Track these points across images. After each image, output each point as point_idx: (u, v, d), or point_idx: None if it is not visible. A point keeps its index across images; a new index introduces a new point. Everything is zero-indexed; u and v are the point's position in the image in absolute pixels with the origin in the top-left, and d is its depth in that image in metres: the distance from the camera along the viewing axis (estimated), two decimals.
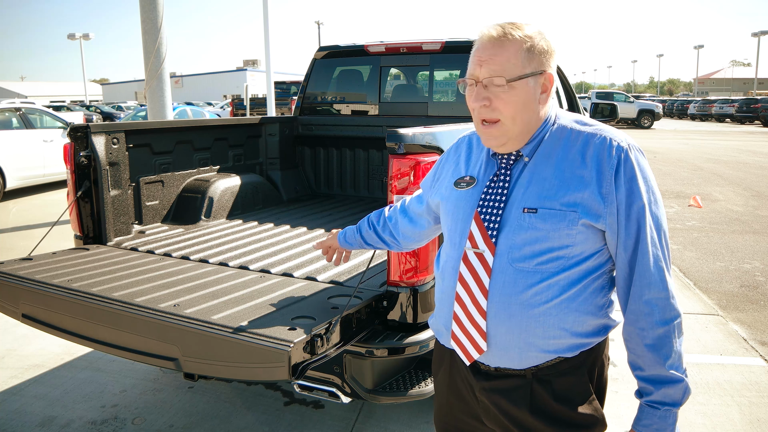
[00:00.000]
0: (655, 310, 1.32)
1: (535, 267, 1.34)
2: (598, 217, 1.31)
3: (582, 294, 1.35)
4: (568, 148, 1.36)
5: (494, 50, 1.32)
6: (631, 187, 1.30)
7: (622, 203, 1.30)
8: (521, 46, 1.31)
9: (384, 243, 1.91)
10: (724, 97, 42.84)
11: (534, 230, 1.33)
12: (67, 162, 3.10)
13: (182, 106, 19.18)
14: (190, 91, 57.31)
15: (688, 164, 14.32)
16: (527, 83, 1.32)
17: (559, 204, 1.32)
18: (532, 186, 1.36)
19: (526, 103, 1.33)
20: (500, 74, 1.30)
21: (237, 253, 3.04)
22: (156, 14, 6.78)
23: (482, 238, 1.38)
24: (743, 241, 6.85)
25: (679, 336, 1.33)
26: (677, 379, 1.31)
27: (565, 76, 5.51)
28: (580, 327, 1.37)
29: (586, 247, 1.34)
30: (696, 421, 3.05)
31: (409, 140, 2.23)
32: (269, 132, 4.70)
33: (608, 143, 1.32)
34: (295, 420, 3.04)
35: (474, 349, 1.42)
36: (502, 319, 1.37)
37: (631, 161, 1.31)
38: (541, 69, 1.34)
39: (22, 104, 11.04)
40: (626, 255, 1.33)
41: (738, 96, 51.22)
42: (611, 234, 1.33)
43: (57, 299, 2.27)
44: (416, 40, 4.41)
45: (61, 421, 3.05)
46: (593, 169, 1.31)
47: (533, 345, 1.36)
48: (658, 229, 1.33)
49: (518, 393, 1.40)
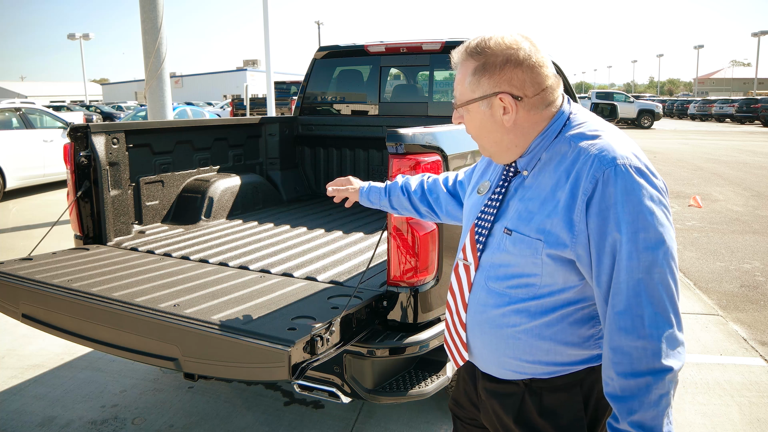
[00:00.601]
0: (623, 360, 1.13)
1: (504, 289, 1.30)
2: (564, 246, 1.18)
3: (559, 323, 1.26)
4: (559, 166, 1.23)
5: (456, 72, 1.31)
6: (606, 217, 1.13)
7: (594, 234, 1.15)
8: (470, 69, 1.26)
9: (417, 213, 1.83)
10: (724, 97, 42.84)
11: (506, 253, 1.28)
12: (67, 162, 3.10)
13: (182, 106, 19.17)
14: (190, 91, 57.30)
15: (688, 164, 14.32)
16: (478, 108, 1.27)
17: (530, 229, 1.23)
18: (519, 204, 1.29)
19: (483, 126, 1.29)
20: (456, 99, 1.31)
21: (237, 253, 3.04)
22: (156, 14, 6.78)
23: (471, 251, 1.37)
24: (743, 241, 6.85)
25: (660, 392, 1.12)
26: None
27: (566, 76, 5.51)
28: (557, 357, 1.28)
29: (556, 278, 1.23)
30: (696, 421, 3.05)
31: (409, 140, 2.23)
32: (269, 132, 4.70)
33: (591, 162, 1.16)
34: (295, 420, 3.04)
35: (459, 356, 1.47)
36: (476, 334, 1.39)
37: (612, 185, 1.13)
38: (494, 91, 1.24)
39: (22, 104, 11.04)
40: (600, 292, 1.18)
41: (738, 96, 51.21)
42: (583, 266, 1.20)
43: (57, 299, 2.27)
44: (416, 40, 4.41)
45: (61, 421, 3.05)
46: (568, 191, 1.18)
47: (506, 363, 1.34)
48: (647, 268, 1.12)
49: (510, 400, 1.39)
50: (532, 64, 1.23)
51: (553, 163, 1.25)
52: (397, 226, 2.23)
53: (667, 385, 1.12)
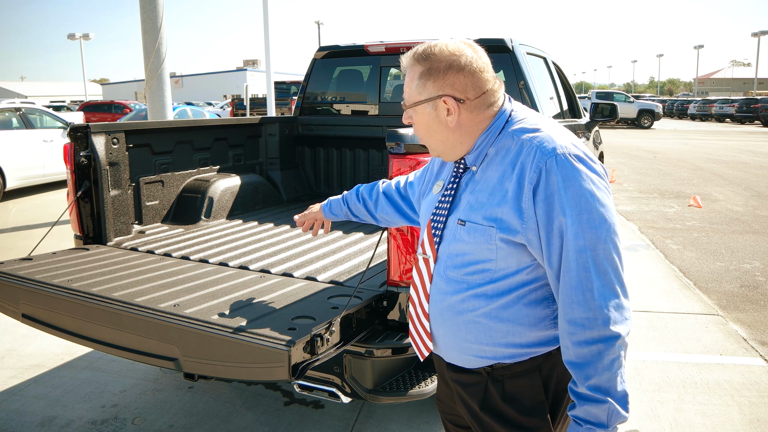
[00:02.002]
0: (578, 330, 1.24)
1: (462, 276, 1.37)
2: (515, 232, 1.27)
3: (515, 305, 1.33)
4: (504, 159, 1.32)
5: (405, 76, 1.39)
6: (551, 202, 1.23)
7: (542, 219, 1.24)
8: (417, 73, 1.34)
9: (374, 219, 1.96)
10: (724, 97, 42.85)
11: (462, 242, 1.36)
12: (67, 162, 3.10)
13: (182, 106, 19.17)
14: (190, 91, 57.28)
15: (688, 164, 14.32)
16: (424, 109, 1.35)
17: (482, 218, 1.31)
18: (470, 197, 1.37)
19: (429, 126, 1.37)
20: (405, 100, 1.39)
21: (237, 253, 3.04)
22: (156, 14, 6.78)
23: (429, 245, 1.46)
24: (743, 241, 6.85)
25: (611, 356, 1.22)
26: (599, 399, 1.24)
27: (565, 76, 5.51)
28: (516, 338, 1.35)
29: (510, 262, 1.31)
30: (696, 421, 3.05)
31: (409, 140, 2.23)
32: (269, 132, 4.70)
33: (534, 153, 1.26)
34: (295, 420, 3.04)
35: (423, 347, 1.53)
36: (438, 323, 1.45)
37: (554, 173, 1.23)
38: (438, 94, 1.32)
39: (22, 104, 11.04)
40: (552, 272, 1.27)
41: (738, 96, 51.22)
42: (534, 249, 1.28)
43: (57, 299, 2.27)
44: (416, 40, 4.41)
45: (61, 421, 3.05)
46: (515, 181, 1.27)
47: (467, 349, 1.41)
48: (592, 246, 1.22)
49: (475, 388, 1.46)
50: (473, 69, 1.32)
51: (498, 157, 1.34)
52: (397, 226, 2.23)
53: (617, 349, 1.23)
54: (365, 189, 1.97)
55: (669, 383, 3.47)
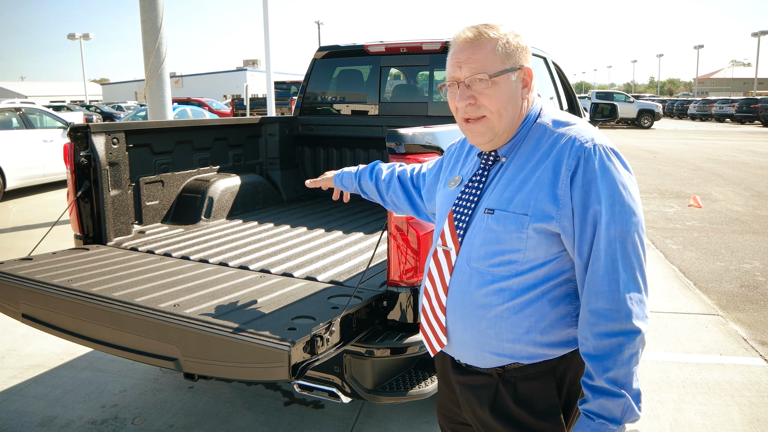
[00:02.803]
0: (600, 321, 1.24)
1: (487, 268, 1.35)
2: (550, 218, 1.27)
3: (539, 301, 1.32)
4: (537, 149, 1.34)
5: (472, 50, 1.34)
6: (588, 190, 1.25)
7: (578, 206, 1.26)
8: (497, 44, 1.34)
9: (382, 200, 1.95)
10: (724, 97, 42.83)
11: (489, 231, 1.34)
12: (67, 162, 3.10)
13: (182, 106, 19.16)
14: (190, 91, 57.14)
15: (688, 164, 14.32)
16: (509, 78, 1.35)
17: (513, 206, 1.31)
18: (499, 187, 1.37)
19: (510, 97, 1.35)
20: (482, 71, 1.33)
21: (237, 253, 3.04)
22: (156, 14, 6.78)
23: (451, 237, 1.43)
24: (743, 241, 6.85)
25: (630, 351, 1.23)
26: (616, 393, 1.23)
27: (565, 76, 5.51)
28: (537, 335, 1.33)
29: (539, 252, 1.30)
30: (696, 421, 3.05)
31: (409, 140, 2.23)
32: (269, 132, 4.69)
33: (571, 144, 1.29)
34: (295, 420, 3.04)
35: (436, 341, 1.48)
36: (457, 316, 1.41)
37: (593, 163, 1.26)
38: (519, 64, 1.36)
39: (22, 104, 11.03)
40: (581, 261, 1.28)
41: (738, 96, 51.20)
42: (566, 237, 1.29)
43: (57, 299, 2.27)
44: (416, 40, 4.41)
45: (61, 421, 3.05)
46: (551, 170, 1.29)
47: (487, 346, 1.37)
48: (622, 237, 1.24)
49: (484, 391, 1.42)
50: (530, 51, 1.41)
51: (529, 148, 1.36)
52: (398, 226, 2.23)
53: (636, 345, 1.24)
54: (380, 168, 1.96)
55: (669, 383, 3.47)
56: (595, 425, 1.25)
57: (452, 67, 1.38)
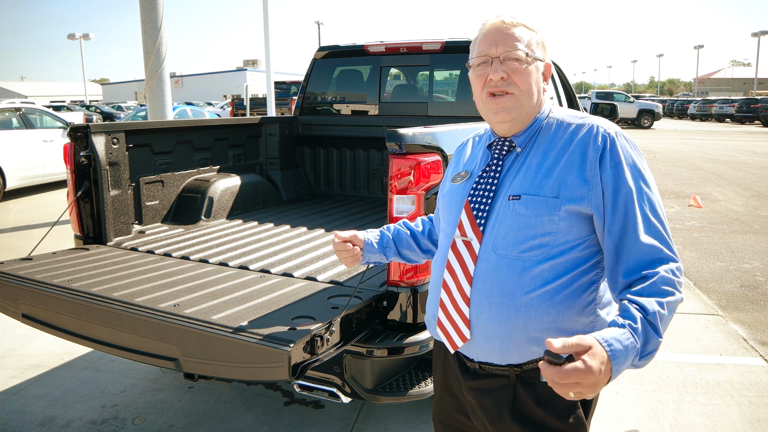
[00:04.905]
0: (658, 281, 1.22)
1: (518, 254, 1.34)
2: (582, 199, 1.31)
3: (568, 287, 1.33)
4: (557, 138, 1.39)
5: (509, 32, 1.40)
6: (617, 172, 1.31)
7: (609, 186, 1.31)
8: (531, 33, 1.42)
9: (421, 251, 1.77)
10: (724, 97, 42.83)
11: (517, 217, 1.35)
12: (67, 162, 3.10)
13: (182, 106, 19.17)
14: (190, 91, 57.29)
15: (688, 164, 14.32)
16: (537, 66, 1.42)
17: (542, 190, 1.34)
18: (520, 175, 1.39)
19: (535, 82, 1.41)
20: (520, 50, 1.39)
21: (237, 253, 3.04)
22: (156, 14, 6.78)
23: (470, 227, 1.41)
24: (743, 241, 6.85)
25: (674, 303, 1.22)
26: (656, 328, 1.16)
27: (565, 76, 5.51)
28: (565, 323, 1.33)
29: (570, 235, 1.33)
30: (696, 421, 3.05)
31: (409, 140, 2.23)
32: (269, 132, 4.70)
33: (595, 131, 1.36)
34: (295, 420, 3.04)
35: (458, 336, 1.43)
36: (483, 307, 1.37)
37: (617, 148, 1.33)
38: (544, 58, 1.44)
39: (22, 104, 11.04)
40: (612, 240, 1.30)
41: (738, 96, 51.20)
42: (598, 217, 1.32)
43: (57, 299, 2.27)
44: (416, 40, 4.41)
45: (61, 421, 3.05)
46: (577, 155, 1.34)
47: (513, 336, 1.34)
48: (652, 211, 1.30)
49: (501, 393, 1.40)
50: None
51: (547, 139, 1.41)
52: None
53: (675, 303, 1.23)
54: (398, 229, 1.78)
55: (669, 383, 3.47)
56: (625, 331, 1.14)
57: (487, 45, 1.41)
